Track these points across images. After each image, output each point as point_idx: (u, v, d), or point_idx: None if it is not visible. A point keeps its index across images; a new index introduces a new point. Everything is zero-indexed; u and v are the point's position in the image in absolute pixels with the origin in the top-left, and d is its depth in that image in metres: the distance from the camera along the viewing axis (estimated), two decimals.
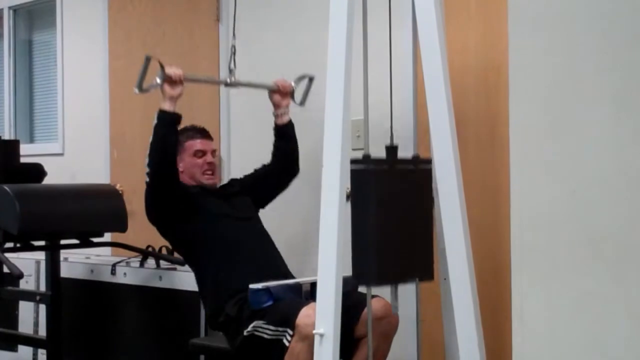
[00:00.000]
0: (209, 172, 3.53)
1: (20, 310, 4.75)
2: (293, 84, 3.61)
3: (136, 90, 3.24)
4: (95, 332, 4.45)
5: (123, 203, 4.07)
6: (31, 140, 5.62)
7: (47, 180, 4.33)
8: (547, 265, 1.76)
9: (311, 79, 3.64)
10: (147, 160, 3.32)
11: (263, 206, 3.64)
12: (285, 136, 3.61)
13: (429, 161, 2.67)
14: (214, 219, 3.40)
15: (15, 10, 5.62)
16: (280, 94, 3.58)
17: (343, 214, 2.55)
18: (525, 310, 1.79)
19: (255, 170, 3.68)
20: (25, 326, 4.74)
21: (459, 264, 2.55)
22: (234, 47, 3.51)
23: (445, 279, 2.75)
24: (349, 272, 2.60)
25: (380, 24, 2.76)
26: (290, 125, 3.62)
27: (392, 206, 2.61)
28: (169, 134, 3.30)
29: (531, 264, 1.79)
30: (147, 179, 3.34)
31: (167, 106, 3.28)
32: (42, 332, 4.48)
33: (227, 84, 3.52)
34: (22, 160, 4.45)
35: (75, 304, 4.43)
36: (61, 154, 5.19)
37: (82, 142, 5.09)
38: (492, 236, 3.24)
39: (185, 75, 3.31)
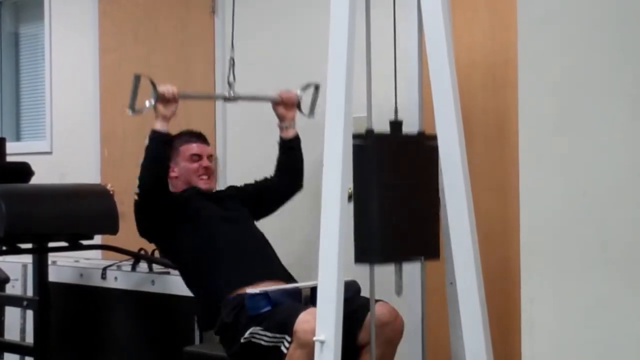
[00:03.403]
0: (205, 177, 3.53)
1: (6, 316, 4.76)
2: (298, 92, 3.52)
3: (129, 112, 3.22)
4: (84, 339, 4.46)
5: (114, 204, 4.08)
6: (18, 138, 5.63)
7: (34, 180, 4.34)
8: (557, 269, 1.78)
9: (317, 87, 3.53)
10: (138, 181, 3.31)
11: (258, 218, 3.62)
12: (290, 151, 3.56)
13: (434, 137, 2.66)
14: (204, 223, 3.40)
15: (1, 2, 5.63)
16: (284, 105, 3.51)
17: (345, 216, 2.56)
18: (535, 315, 1.80)
19: (256, 182, 3.65)
20: (11, 333, 4.75)
21: (466, 268, 2.56)
22: (232, 59, 3.43)
23: (451, 283, 2.76)
24: (350, 276, 2.61)
25: (384, 18, 2.77)
26: (296, 139, 3.56)
27: (396, 183, 2.60)
28: (160, 155, 3.29)
29: (541, 268, 1.80)
30: (136, 198, 3.36)
31: (160, 126, 3.27)
32: (30, 339, 4.48)
33: (226, 99, 3.45)
34: (8, 159, 4.46)
35: (63, 310, 4.44)
36: (49, 153, 5.20)
37: (71, 140, 5.10)
38: (501, 239, 3.25)
39: (180, 93, 3.29)
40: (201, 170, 3.52)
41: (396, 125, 2.66)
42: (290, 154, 3.57)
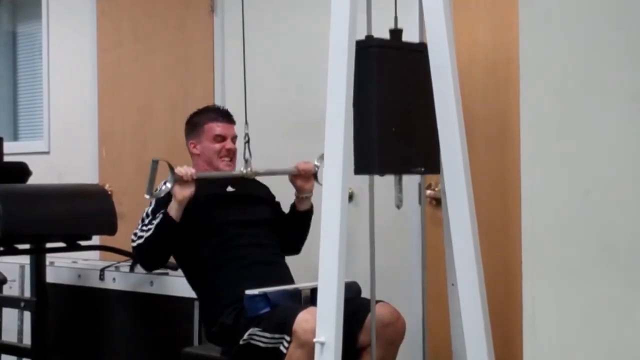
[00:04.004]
0: (227, 159, 3.50)
1: (3, 318, 4.76)
2: (316, 162, 3.47)
3: (147, 196, 3.24)
4: (82, 341, 4.46)
5: (112, 204, 4.08)
6: (15, 137, 5.64)
7: (32, 180, 4.35)
8: (559, 269, 1.78)
9: None
10: (136, 241, 3.30)
11: None
12: (301, 223, 3.54)
13: None
14: (216, 230, 3.38)
15: None
16: (302, 178, 3.48)
17: (345, 216, 2.56)
18: (537, 316, 1.80)
19: (282, 213, 3.62)
20: (8, 334, 4.75)
21: (468, 269, 2.57)
22: (247, 135, 3.41)
23: (452, 284, 2.76)
24: (351, 277, 2.61)
25: (385, 16, 2.77)
26: (310, 212, 3.53)
27: (396, 91, 2.58)
28: (164, 243, 3.29)
29: (543, 269, 1.80)
30: (133, 252, 3.39)
31: (174, 212, 3.23)
32: (27, 340, 4.49)
33: (244, 176, 3.40)
34: (5, 159, 4.46)
35: (61, 311, 4.44)
36: (47, 153, 5.20)
37: (69, 140, 5.10)
38: (502, 239, 3.26)
39: (197, 174, 3.28)
40: (223, 152, 3.49)
41: (397, 33, 2.63)
42: (300, 225, 3.54)
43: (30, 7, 5.48)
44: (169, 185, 3.23)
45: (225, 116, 3.56)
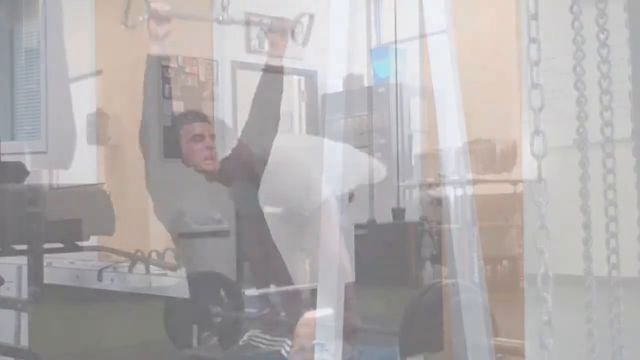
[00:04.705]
0: (210, 159, 3.54)
1: (0, 319, 4.76)
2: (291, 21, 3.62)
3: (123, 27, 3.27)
4: (80, 342, 4.46)
5: (110, 204, 4.08)
6: (12, 137, 5.63)
7: (29, 180, 4.34)
8: (560, 269, 1.78)
9: (311, 17, 3.66)
10: None
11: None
12: None
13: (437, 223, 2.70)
14: (204, 222, 3.41)
15: None
16: (278, 32, 3.59)
17: (346, 217, 2.56)
18: (538, 316, 1.80)
19: None
20: (5, 335, 4.75)
21: (469, 268, 2.57)
22: None
23: (453, 284, 2.77)
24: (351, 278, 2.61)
25: (386, 15, 2.78)
26: None
27: None
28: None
29: (544, 268, 1.80)
30: None
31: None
32: (24, 342, 4.49)
33: (219, 21, 3.51)
34: (2, 158, 4.46)
35: (59, 312, 4.44)
36: (44, 152, 5.20)
37: (67, 140, 5.10)
38: (503, 238, 3.26)
39: (173, 12, 3.33)
40: (205, 152, 3.53)
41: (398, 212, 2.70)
42: None
43: (28, 4, 5.48)
44: (146, 16, 3.26)
45: (200, 116, 3.66)
